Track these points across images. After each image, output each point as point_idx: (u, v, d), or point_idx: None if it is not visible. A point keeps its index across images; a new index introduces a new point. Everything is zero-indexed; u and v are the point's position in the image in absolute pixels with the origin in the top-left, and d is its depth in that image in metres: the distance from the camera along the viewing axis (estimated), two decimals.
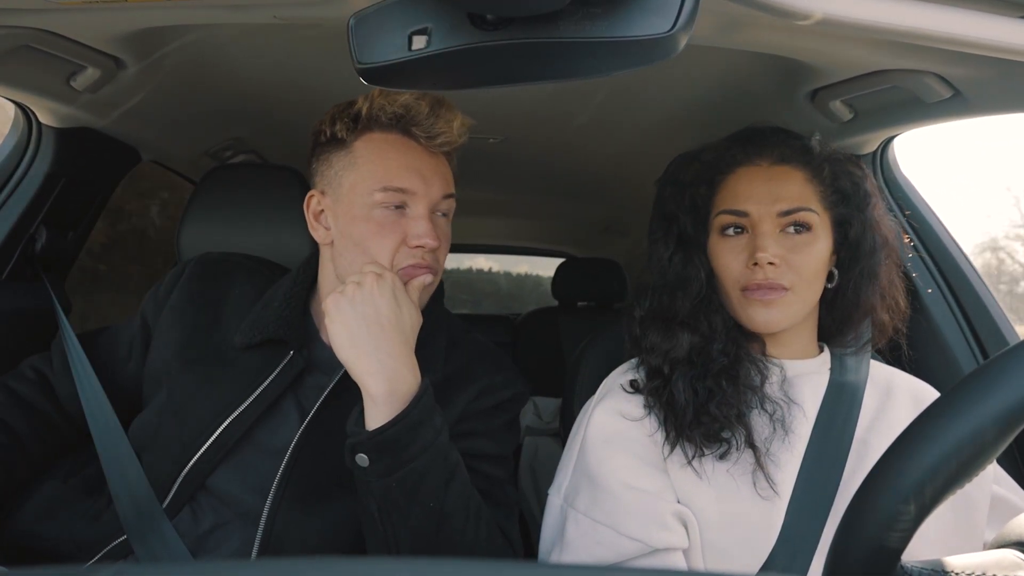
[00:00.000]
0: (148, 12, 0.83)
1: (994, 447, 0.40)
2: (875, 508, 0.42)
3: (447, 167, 0.93)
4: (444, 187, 0.90)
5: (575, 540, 0.78)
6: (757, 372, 0.83)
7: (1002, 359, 0.42)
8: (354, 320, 0.77)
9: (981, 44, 0.64)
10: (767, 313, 0.82)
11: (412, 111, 0.87)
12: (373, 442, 0.73)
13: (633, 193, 1.88)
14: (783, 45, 0.83)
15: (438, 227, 0.90)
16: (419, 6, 0.50)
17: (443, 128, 0.88)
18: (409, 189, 0.86)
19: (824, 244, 0.84)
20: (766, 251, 0.80)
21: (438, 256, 0.91)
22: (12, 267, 1.15)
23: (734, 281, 0.84)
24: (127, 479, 0.85)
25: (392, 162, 0.87)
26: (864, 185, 0.87)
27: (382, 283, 0.80)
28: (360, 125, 0.88)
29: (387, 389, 0.75)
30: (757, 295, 0.81)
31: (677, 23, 0.45)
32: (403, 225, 0.87)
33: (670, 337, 0.85)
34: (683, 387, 0.81)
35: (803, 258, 0.82)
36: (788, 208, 0.82)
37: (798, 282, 0.82)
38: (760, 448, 0.78)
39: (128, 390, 0.97)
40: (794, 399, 0.83)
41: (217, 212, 1.24)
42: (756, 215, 0.83)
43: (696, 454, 0.79)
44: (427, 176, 0.88)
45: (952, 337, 1.15)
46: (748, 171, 0.86)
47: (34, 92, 1.03)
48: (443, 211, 0.92)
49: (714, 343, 0.84)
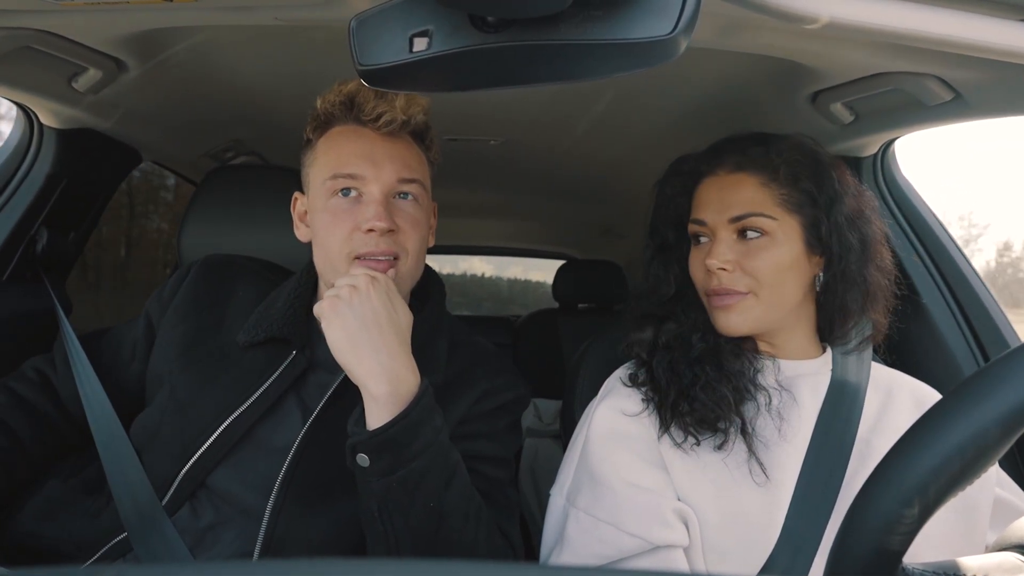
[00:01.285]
0: (149, 14, 0.83)
1: (996, 449, 0.40)
2: (877, 509, 0.41)
3: (409, 151, 0.91)
4: (400, 170, 0.88)
5: (576, 538, 0.78)
6: (743, 359, 0.85)
7: (1004, 361, 0.42)
8: (352, 323, 0.77)
9: (982, 47, 0.64)
10: (727, 317, 0.85)
11: (358, 98, 0.87)
12: (373, 442, 0.73)
13: (633, 195, 1.88)
14: (784, 48, 0.84)
15: (399, 211, 0.88)
16: (420, 8, 0.50)
17: (384, 108, 0.86)
18: (358, 174, 0.86)
19: (787, 248, 0.83)
20: (715, 258, 0.83)
21: (400, 240, 0.87)
22: (13, 268, 1.16)
23: (701, 287, 0.89)
24: (128, 480, 0.85)
25: (342, 149, 0.88)
26: (832, 185, 0.85)
27: (376, 284, 0.80)
28: (320, 124, 0.91)
29: (389, 390, 0.75)
30: (716, 300, 0.85)
31: (678, 25, 0.45)
32: (356, 212, 0.86)
33: (649, 328, 0.91)
34: (663, 370, 0.85)
35: (758, 263, 0.82)
36: (738, 214, 0.84)
37: (756, 286, 0.83)
38: (752, 436, 0.80)
39: (131, 391, 0.97)
40: (794, 398, 0.84)
41: (218, 213, 1.24)
42: (712, 223, 0.86)
43: (687, 439, 0.80)
44: (378, 160, 0.86)
45: (953, 340, 1.15)
46: (709, 181, 0.89)
47: (35, 93, 1.03)
48: (404, 194, 0.89)
49: (693, 333, 0.87)
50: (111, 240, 2.05)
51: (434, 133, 0.95)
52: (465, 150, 1.69)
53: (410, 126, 0.89)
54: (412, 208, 0.90)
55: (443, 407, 0.82)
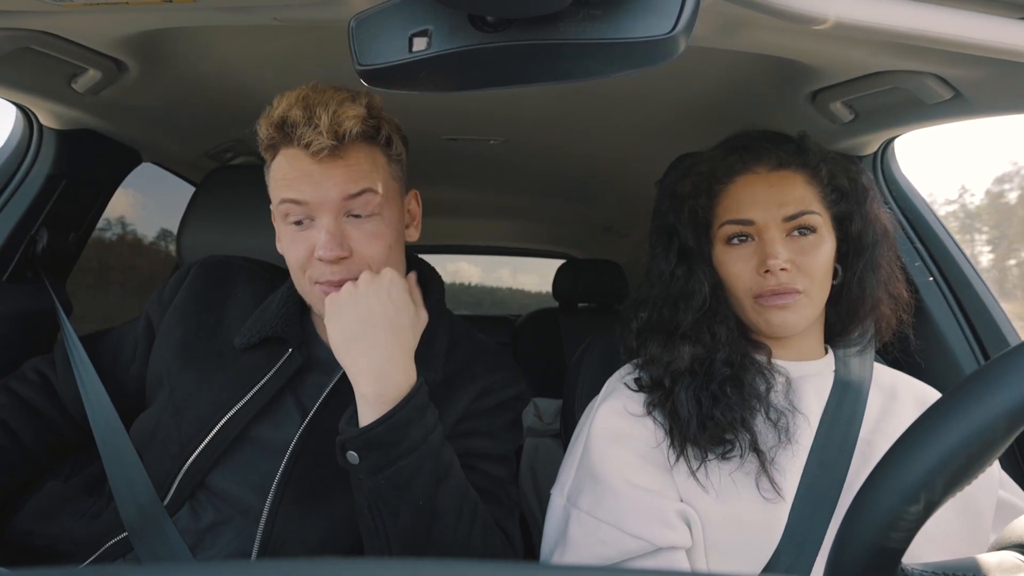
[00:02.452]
0: (149, 14, 0.83)
1: (1001, 442, 0.40)
2: (876, 508, 0.41)
3: (359, 160, 0.83)
4: (345, 186, 0.82)
5: (578, 539, 0.78)
6: (762, 380, 0.84)
7: (1010, 355, 0.42)
8: (350, 320, 0.79)
9: (981, 45, 0.64)
10: (784, 316, 0.82)
11: (288, 122, 0.80)
12: (362, 439, 0.74)
13: (634, 195, 1.88)
14: (784, 46, 0.83)
15: (353, 231, 0.83)
16: (420, 8, 0.50)
17: (310, 136, 0.79)
18: (300, 199, 0.82)
19: (829, 244, 0.85)
20: (777, 257, 0.80)
21: (356, 262, 0.83)
22: (13, 268, 1.16)
23: (746, 289, 0.84)
24: (129, 480, 0.85)
25: (282, 174, 0.84)
26: (861, 180, 0.88)
27: (377, 282, 0.81)
28: (267, 147, 0.86)
29: (377, 389, 0.76)
30: (772, 301, 0.82)
31: (678, 24, 0.45)
32: (310, 236, 0.83)
33: (671, 349, 0.85)
34: (685, 399, 0.81)
35: (812, 260, 0.82)
36: (793, 212, 0.83)
37: (810, 284, 0.82)
38: (765, 453, 0.78)
39: (131, 392, 0.97)
40: (799, 402, 0.84)
41: (218, 213, 1.24)
42: (762, 222, 0.83)
43: (702, 460, 0.79)
44: (318, 180, 0.81)
45: (953, 337, 1.15)
46: (748, 179, 0.86)
47: (35, 94, 1.03)
48: (356, 212, 0.84)
49: (717, 353, 0.84)
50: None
51: (389, 131, 0.87)
52: (464, 150, 1.69)
53: (345, 142, 0.81)
54: (369, 224, 0.84)
55: (442, 404, 0.82)
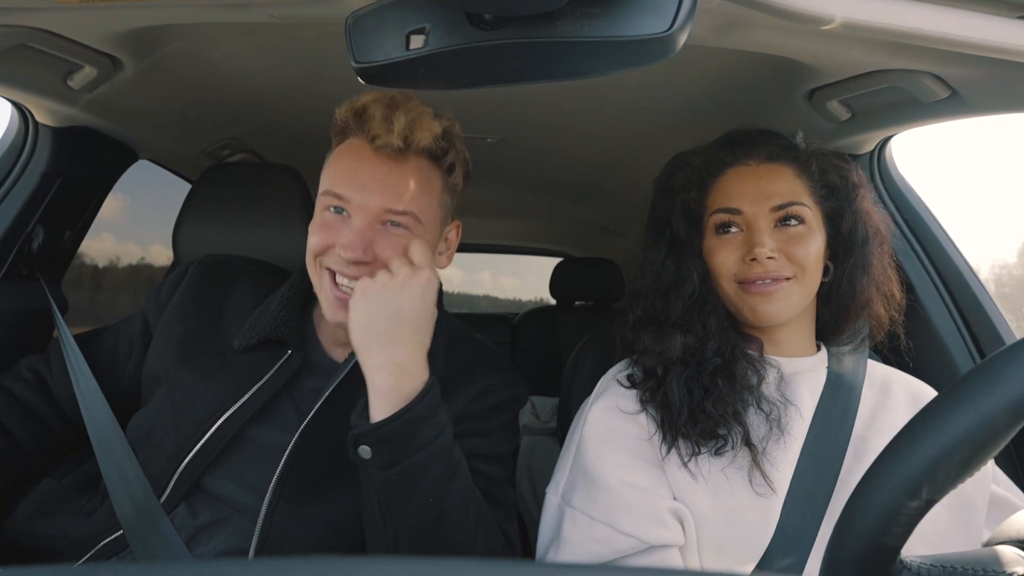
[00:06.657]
0: (145, 11, 0.83)
1: (1004, 434, 0.40)
2: (876, 501, 0.41)
3: (417, 176, 0.84)
4: (390, 200, 0.82)
5: (572, 538, 0.78)
6: (754, 372, 0.84)
7: (1012, 350, 0.42)
8: (375, 311, 0.76)
9: (978, 44, 0.64)
10: (768, 304, 0.83)
11: (367, 112, 0.82)
12: (375, 435, 0.73)
13: (630, 193, 1.88)
14: (781, 45, 0.84)
15: (384, 237, 0.83)
16: (417, 6, 0.50)
17: (379, 130, 0.81)
18: (344, 196, 0.83)
19: (819, 237, 0.85)
20: (764, 246, 0.82)
21: (372, 271, 0.82)
22: (8, 266, 1.15)
23: (731, 276, 0.85)
24: (125, 478, 0.85)
25: (340, 167, 0.85)
26: (851, 178, 0.89)
27: (415, 279, 0.79)
28: (338, 132, 0.88)
29: (393, 384, 0.75)
30: (756, 288, 0.83)
31: (675, 23, 0.45)
32: (339, 231, 0.83)
33: (663, 339, 0.86)
34: (677, 388, 0.82)
35: (801, 249, 0.83)
36: (780, 203, 0.84)
37: (799, 272, 0.83)
38: (756, 447, 0.79)
39: (127, 391, 0.97)
40: (791, 397, 0.84)
41: (214, 211, 1.24)
42: (750, 212, 0.84)
43: (693, 453, 0.79)
44: (367, 185, 0.82)
45: (949, 336, 1.15)
46: (738, 171, 0.88)
47: (31, 91, 1.03)
48: (393, 221, 0.84)
49: (708, 343, 0.85)
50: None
51: (455, 159, 0.89)
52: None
53: (410, 150, 0.83)
54: (400, 237, 0.84)
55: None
